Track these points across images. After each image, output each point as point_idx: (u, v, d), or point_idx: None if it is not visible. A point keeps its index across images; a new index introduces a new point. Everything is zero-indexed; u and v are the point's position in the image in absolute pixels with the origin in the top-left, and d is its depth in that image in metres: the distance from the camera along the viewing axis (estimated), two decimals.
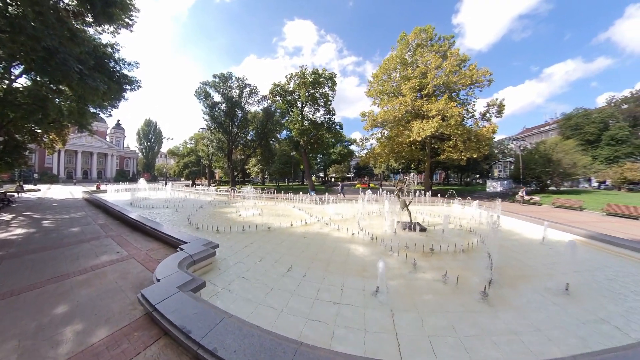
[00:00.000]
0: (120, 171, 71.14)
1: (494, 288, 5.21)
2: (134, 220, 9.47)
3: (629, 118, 42.60)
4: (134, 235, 8.41)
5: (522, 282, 5.59)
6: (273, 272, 5.89)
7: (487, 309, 4.46)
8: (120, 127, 76.13)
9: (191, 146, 60.20)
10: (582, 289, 5.25)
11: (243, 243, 8.24)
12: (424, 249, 7.57)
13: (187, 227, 10.60)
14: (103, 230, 9.08)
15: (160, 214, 13.91)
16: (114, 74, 10.60)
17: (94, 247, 7.05)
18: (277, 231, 10.04)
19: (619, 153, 38.28)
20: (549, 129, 63.04)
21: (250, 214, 14.47)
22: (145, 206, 16.65)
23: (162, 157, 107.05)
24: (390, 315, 4.15)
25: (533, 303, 4.72)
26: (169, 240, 7.27)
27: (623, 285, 5.52)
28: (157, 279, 4.32)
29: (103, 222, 10.58)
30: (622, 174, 32.68)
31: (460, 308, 4.44)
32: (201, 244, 6.32)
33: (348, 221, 12.25)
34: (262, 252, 7.31)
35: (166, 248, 7.01)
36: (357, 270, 6.09)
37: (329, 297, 4.75)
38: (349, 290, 5.05)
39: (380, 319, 4.04)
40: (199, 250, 5.89)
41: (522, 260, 7.10)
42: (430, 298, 4.80)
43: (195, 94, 35.31)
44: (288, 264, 6.34)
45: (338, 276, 5.72)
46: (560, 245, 8.40)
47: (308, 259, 6.82)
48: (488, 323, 4.02)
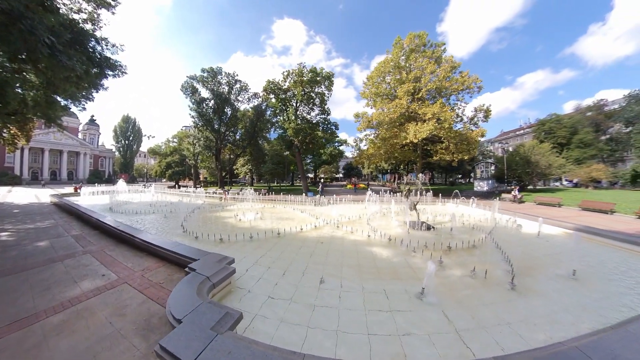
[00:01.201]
0: (94, 171, 65.46)
1: (508, 277, 5.65)
2: (118, 230, 7.91)
3: (592, 124, 47.13)
4: (120, 250, 6.94)
5: (535, 272, 6.14)
6: (305, 287, 5.18)
7: (518, 297, 4.91)
8: (94, 123, 70.15)
9: (174, 145, 56.70)
10: (585, 274, 5.96)
11: (256, 253, 7.28)
12: (441, 247, 7.78)
13: (183, 237, 9.19)
14: (79, 244, 7.47)
15: (147, 222, 12.22)
16: (94, 56, 8.89)
17: (69, 268, 5.55)
18: (288, 237, 9.22)
19: (586, 155, 42.12)
20: (524, 132, 68.71)
21: (252, 218, 13.24)
22: (128, 212, 14.75)
23: (142, 156, 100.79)
24: (443, 315, 4.21)
25: (552, 288, 5.30)
26: (169, 257, 5.95)
27: (615, 269, 6.39)
28: (177, 318, 3.13)
29: (78, 233, 8.87)
30: (590, 174, 36.70)
31: (498, 299, 4.81)
32: (215, 259, 5.15)
33: (356, 222, 11.92)
34: (283, 263, 6.49)
35: (167, 266, 5.70)
36: (390, 274, 5.98)
37: (377, 306, 4.47)
38: (393, 295, 4.87)
39: (437, 321, 4.05)
40: (215, 268, 4.72)
41: (527, 252, 7.56)
42: (468, 293, 5.02)
43: (181, 88, 32.92)
44: (317, 275, 5.67)
45: (375, 282, 5.48)
46: (554, 238, 9.47)
47: (336, 267, 6.34)
48: (525, 309, 4.45)
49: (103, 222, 9.06)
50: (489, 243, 8.42)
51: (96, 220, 9.67)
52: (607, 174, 37.79)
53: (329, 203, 19.50)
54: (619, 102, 47.42)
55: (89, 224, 10.25)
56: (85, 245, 7.33)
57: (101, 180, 57.52)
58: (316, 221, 11.90)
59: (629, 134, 42.97)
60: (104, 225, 8.92)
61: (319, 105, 32.36)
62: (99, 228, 9.26)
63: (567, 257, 6.94)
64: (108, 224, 8.77)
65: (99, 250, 6.92)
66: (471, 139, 27.53)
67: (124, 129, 70.12)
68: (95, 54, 9.05)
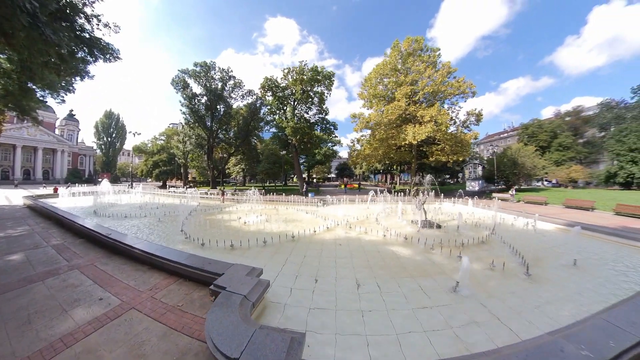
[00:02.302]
0: (73, 170, 61.08)
1: (523, 268, 6.21)
2: (111, 240, 6.76)
3: (571, 129, 50.38)
4: (115, 263, 5.87)
5: (542, 262, 6.72)
6: (343, 293, 4.93)
7: (535, 285, 5.45)
8: (73, 119, 65.49)
9: (162, 143, 54.05)
10: (584, 263, 6.72)
11: (276, 260, 6.81)
12: (455, 243, 8.14)
13: (187, 244, 8.16)
14: (63, 257, 6.29)
15: (140, 226, 10.96)
16: (83, 34, 7.59)
17: (54, 291, 4.47)
18: (303, 240, 8.80)
19: (565, 157, 45.08)
20: (507, 135, 72.92)
21: (257, 221, 12.35)
22: (115, 215, 13.31)
23: (125, 155, 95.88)
24: (480, 304, 4.54)
25: (559, 276, 5.93)
26: (182, 271, 5.01)
27: (608, 258, 7.20)
28: (232, 357, 2.34)
29: (59, 242, 7.60)
30: (569, 174, 39.79)
31: (519, 287, 5.32)
32: (243, 272, 4.40)
33: (365, 222, 11.89)
34: (309, 270, 6.13)
35: (180, 284, 4.78)
36: (419, 271, 6.14)
37: (420, 303, 4.62)
38: (430, 292, 5.05)
39: (477, 310, 4.36)
40: (248, 283, 3.97)
41: (530, 246, 7.98)
42: (493, 284, 5.48)
43: (172, 82, 31.02)
44: (350, 279, 5.56)
45: (408, 281, 5.57)
46: (549, 233, 10.44)
47: (364, 269, 6.24)
48: (544, 294, 5.03)
49: (90, 229, 7.82)
50: (495, 239, 9.10)
51: (81, 226, 8.39)
52: (584, 175, 40.57)
53: (323, 203, 19.38)
54: (594, 109, 51.83)
55: (71, 230, 8.93)
56: (71, 258, 6.16)
57: (81, 180, 53.90)
58: (326, 222, 11.48)
59: (602, 138, 46.52)
60: (91, 233, 7.69)
61: (317, 104, 31.67)
62: (85, 236, 8.02)
63: (565, 249, 7.86)
64: (96, 231, 7.56)
65: (89, 264, 5.80)
66: (465, 141, 29.03)
67: (107, 125, 66.07)
68: (85, 32, 7.76)
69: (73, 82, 13.77)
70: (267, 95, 31.43)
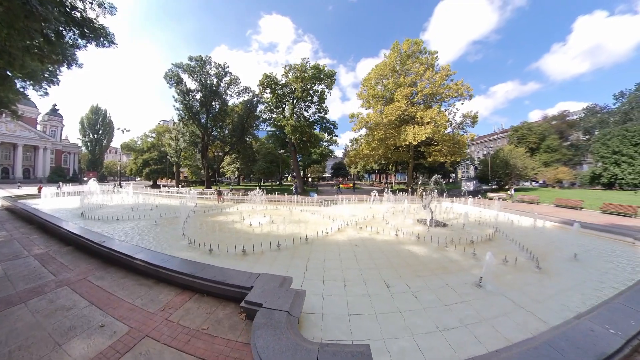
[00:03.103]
0: (56, 169, 57.93)
1: (533, 263, 6.56)
2: (105, 248, 5.92)
3: (557, 132, 52.57)
4: (113, 276, 5.08)
5: (547, 257, 7.09)
6: (376, 295, 4.85)
7: (545, 276, 5.86)
8: (57, 114, 62.09)
9: (152, 140, 52.00)
10: (583, 257, 7.24)
11: (295, 265, 6.46)
12: (465, 241, 8.33)
13: (192, 250, 7.42)
14: (48, 269, 5.42)
15: (135, 231, 10.02)
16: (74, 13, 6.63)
17: (41, 316, 3.67)
18: (317, 242, 8.46)
19: (552, 159, 47.02)
20: (497, 137, 74.75)
21: (263, 222, 11.79)
22: (105, 218, 12.23)
23: (112, 152, 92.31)
24: (505, 297, 4.79)
25: (565, 268, 6.41)
26: (196, 286, 4.33)
27: (604, 252, 7.82)
28: None
29: (43, 251, 6.68)
30: (556, 175, 41.74)
31: (533, 279, 5.70)
32: (274, 283, 3.96)
33: (373, 222, 11.77)
34: (334, 274, 5.87)
35: (197, 300, 4.13)
36: (440, 269, 6.29)
37: (451, 299, 4.74)
38: (457, 288, 5.21)
39: (504, 302, 4.63)
40: (285, 296, 3.54)
41: (533, 242, 8.41)
42: (509, 277, 5.77)
43: (165, 76, 29.60)
44: (378, 281, 5.50)
45: (433, 278, 5.69)
46: (547, 230, 11.00)
47: (388, 269, 6.23)
48: (556, 284, 5.41)
49: (79, 236, 6.91)
50: (499, 236, 9.48)
51: (67, 231, 7.44)
52: (570, 176, 42.60)
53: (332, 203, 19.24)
54: (579, 113, 55.49)
55: (56, 236, 7.93)
56: (58, 272, 5.30)
57: (65, 179, 51.16)
58: (334, 223, 11.14)
59: (586, 141, 49.31)
60: (80, 240, 6.79)
61: (317, 103, 31.15)
62: (73, 243, 7.10)
63: (563, 245, 8.37)
64: (86, 237, 6.66)
65: (81, 278, 4.97)
66: (462, 142, 30.00)
67: (93, 121, 63.02)
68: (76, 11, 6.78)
69: (58, 73, 12.60)
70: (266, 92, 30.61)
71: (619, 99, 48.34)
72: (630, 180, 33.26)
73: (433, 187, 14.93)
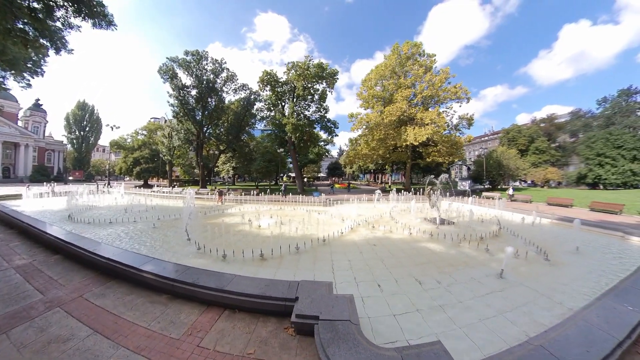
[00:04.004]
0: (39, 167, 54.82)
1: (542, 255, 7.02)
2: (103, 260, 5.04)
3: (545, 134, 54.58)
4: (116, 293, 4.26)
5: (552, 250, 7.40)
6: (412, 293, 4.91)
7: (556, 267, 6.31)
8: (40, 109, 58.75)
9: (143, 138, 49.96)
10: (584, 250, 7.78)
11: (321, 268, 6.18)
12: (475, 237, 8.67)
13: (202, 257, 6.64)
14: (34, 285, 4.54)
15: (132, 235, 9.05)
16: None
17: (30, 351, 2.85)
18: (334, 243, 8.26)
19: (541, 160, 49.08)
20: (488, 139, 77.00)
21: (272, 223, 11.20)
22: (97, 221, 11.12)
23: (100, 150, 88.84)
24: (526, 287, 5.21)
25: (570, 260, 6.84)
26: (230, 301, 3.70)
27: (601, 245, 8.36)
28: None
29: (26, 261, 5.73)
30: (545, 175, 43.67)
31: (545, 270, 6.14)
32: (319, 290, 3.68)
33: (383, 221, 11.83)
34: (364, 275, 5.79)
35: (229, 319, 3.47)
36: (461, 264, 6.52)
37: (481, 291, 4.98)
38: (482, 280, 5.47)
39: (527, 291, 5.02)
40: (339, 305, 3.34)
41: (535, 237, 8.81)
42: (524, 269, 6.10)
43: (159, 71, 28.15)
44: (408, 278, 5.61)
45: (458, 273, 5.91)
46: (545, 226, 11.71)
47: (414, 266, 6.37)
48: (566, 274, 5.92)
49: (69, 243, 5.97)
50: (505, 232, 9.91)
51: (55, 238, 6.49)
52: (558, 176, 44.58)
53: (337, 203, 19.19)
54: (565, 116, 59.62)
55: (41, 243, 6.95)
56: (47, 288, 4.42)
57: (48, 179, 48.53)
58: (345, 223, 11.17)
59: (572, 143, 52.28)
60: (70, 248, 5.86)
61: (317, 101, 30.61)
62: (62, 251, 6.16)
63: (564, 239, 8.90)
64: (78, 245, 5.75)
65: (75, 296, 4.12)
66: (459, 143, 31.17)
67: (79, 118, 60.08)
68: None
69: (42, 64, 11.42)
70: (266, 89, 29.76)
71: (602, 104, 51.85)
72: (613, 180, 35.09)
73: (440, 187, 15.08)
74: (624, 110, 46.52)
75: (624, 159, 35.22)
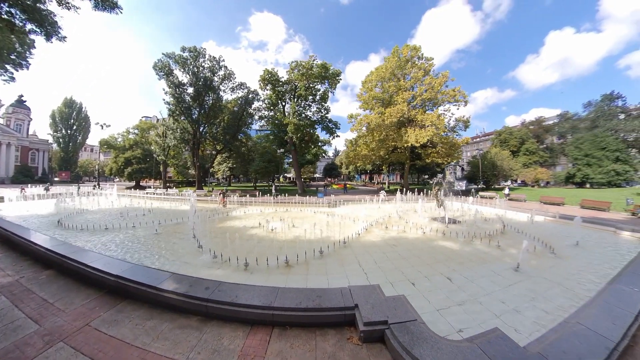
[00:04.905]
0: (22, 168, 51.96)
1: (548, 249, 7.55)
2: (113, 277, 4.26)
3: (535, 136, 56.86)
4: (131, 317, 3.55)
5: (555, 244, 7.80)
6: (445, 289, 5.10)
7: (562, 260, 6.88)
8: (23, 105, 55.71)
9: (134, 137, 48.13)
10: (584, 243, 8.30)
11: (352, 270, 6.09)
12: (486, 235, 9.11)
13: (222, 266, 5.97)
14: (24, 311, 3.73)
15: (134, 243, 8.19)
16: None
17: None
18: (354, 245, 8.17)
19: (531, 160, 51.03)
20: (480, 140, 79.02)
21: (283, 226, 10.68)
22: (90, 227, 10.07)
23: (88, 150, 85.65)
24: (542, 277, 5.66)
25: (573, 253, 7.37)
26: (280, 318, 3.24)
27: (595, 239, 8.98)
28: None
29: (12, 279, 4.86)
30: (536, 175, 45.59)
31: (554, 262, 6.71)
32: (373, 294, 3.57)
33: (392, 222, 11.79)
34: (395, 275, 5.81)
35: (282, 337, 2.93)
36: (478, 260, 6.82)
37: (503, 283, 5.35)
38: (502, 273, 5.88)
39: (543, 281, 5.49)
40: (400, 305, 3.34)
41: (537, 233, 9.24)
42: (534, 263, 6.55)
43: (154, 67, 26.88)
44: (438, 275, 5.76)
45: (478, 268, 6.20)
46: (543, 224, 12.19)
47: (438, 263, 6.57)
48: (573, 264, 6.52)
49: (63, 257, 5.09)
50: (509, 230, 10.32)
51: (46, 250, 5.57)
52: (548, 176, 46.56)
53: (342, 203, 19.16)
54: (553, 119, 62.03)
55: (29, 255, 6.00)
56: (43, 315, 3.62)
57: (32, 179, 46.08)
58: (358, 224, 11.13)
59: (560, 145, 55.02)
60: (66, 262, 5.01)
61: (319, 102, 30.23)
62: (55, 265, 5.29)
63: (564, 235, 9.40)
64: (79, 261, 4.90)
65: (81, 325, 3.36)
66: (457, 144, 32.16)
67: (66, 115, 57.37)
68: None
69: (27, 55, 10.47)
70: (267, 88, 29.05)
71: (587, 107, 54.16)
72: (599, 179, 36.98)
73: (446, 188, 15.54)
74: (607, 114, 48.73)
75: (608, 160, 36.88)
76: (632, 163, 37.43)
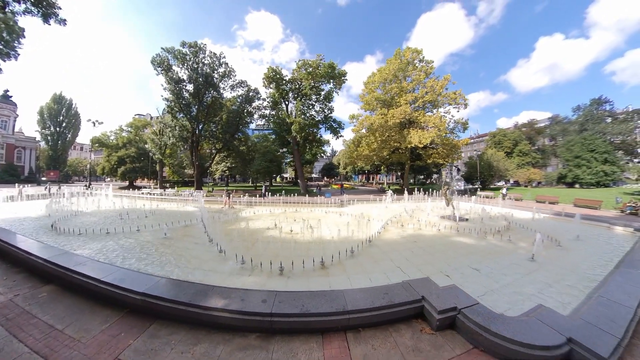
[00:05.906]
0: (7, 167, 49.37)
1: (554, 242, 8.29)
2: (140, 295, 3.51)
3: (527, 138, 58.45)
4: (174, 342, 2.96)
5: (558, 238, 8.44)
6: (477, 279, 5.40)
7: (567, 251, 7.51)
8: (9, 101, 52.97)
9: (128, 135, 46.38)
10: (583, 237, 9.04)
11: (387, 267, 6.14)
12: (496, 231, 9.55)
13: (254, 273, 5.45)
14: (27, 343, 2.91)
15: (144, 249, 7.38)
16: None
17: None
18: (378, 243, 8.21)
19: (524, 161, 52.82)
20: (474, 141, 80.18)
21: (301, 227, 10.19)
22: (89, 231, 9.08)
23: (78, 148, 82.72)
24: (555, 265, 6.23)
25: (575, 246, 8.08)
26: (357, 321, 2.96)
27: (592, 234, 9.76)
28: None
29: (5, 299, 3.85)
30: (529, 176, 47.16)
31: (561, 253, 7.32)
32: (430, 286, 3.74)
33: (405, 220, 12.08)
34: (429, 269, 5.96)
35: (359, 340, 2.85)
36: (494, 253, 7.21)
37: (523, 272, 5.83)
38: (520, 264, 6.35)
39: (558, 270, 5.95)
40: (459, 294, 3.58)
41: (541, 228, 9.73)
42: (544, 254, 7.01)
43: (152, 62, 25.71)
44: (466, 268, 6.04)
45: (497, 260, 6.64)
46: (542, 220, 12.81)
47: (461, 257, 6.87)
48: (577, 255, 7.17)
49: (67, 270, 4.17)
50: (514, 226, 10.97)
51: (44, 262, 4.53)
52: (540, 176, 48.06)
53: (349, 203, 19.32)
54: (544, 121, 64.53)
55: (23, 267, 4.97)
56: (52, 347, 2.86)
57: (18, 179, 43.85)
58: (375, 224, 11.02)
59: (552, 146, 57.02)
60: (69, 276, 4.12)
61: (322, 101, 29.99)
62: (55, 279, 4.41)
63: (564, 230, 9.91)
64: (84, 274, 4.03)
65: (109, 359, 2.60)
66: (457, 145, 32.96)
67: (55, 112, 54.93)
68: None
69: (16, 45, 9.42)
70: (270, 86, 28.42)
71: (576, 111, 56.13)
72: (588, 180, 38.59)
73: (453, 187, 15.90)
74: (595, 117, 50.31)
75: (596, 161, 38.48)
76: (619, 164, 39.22)
